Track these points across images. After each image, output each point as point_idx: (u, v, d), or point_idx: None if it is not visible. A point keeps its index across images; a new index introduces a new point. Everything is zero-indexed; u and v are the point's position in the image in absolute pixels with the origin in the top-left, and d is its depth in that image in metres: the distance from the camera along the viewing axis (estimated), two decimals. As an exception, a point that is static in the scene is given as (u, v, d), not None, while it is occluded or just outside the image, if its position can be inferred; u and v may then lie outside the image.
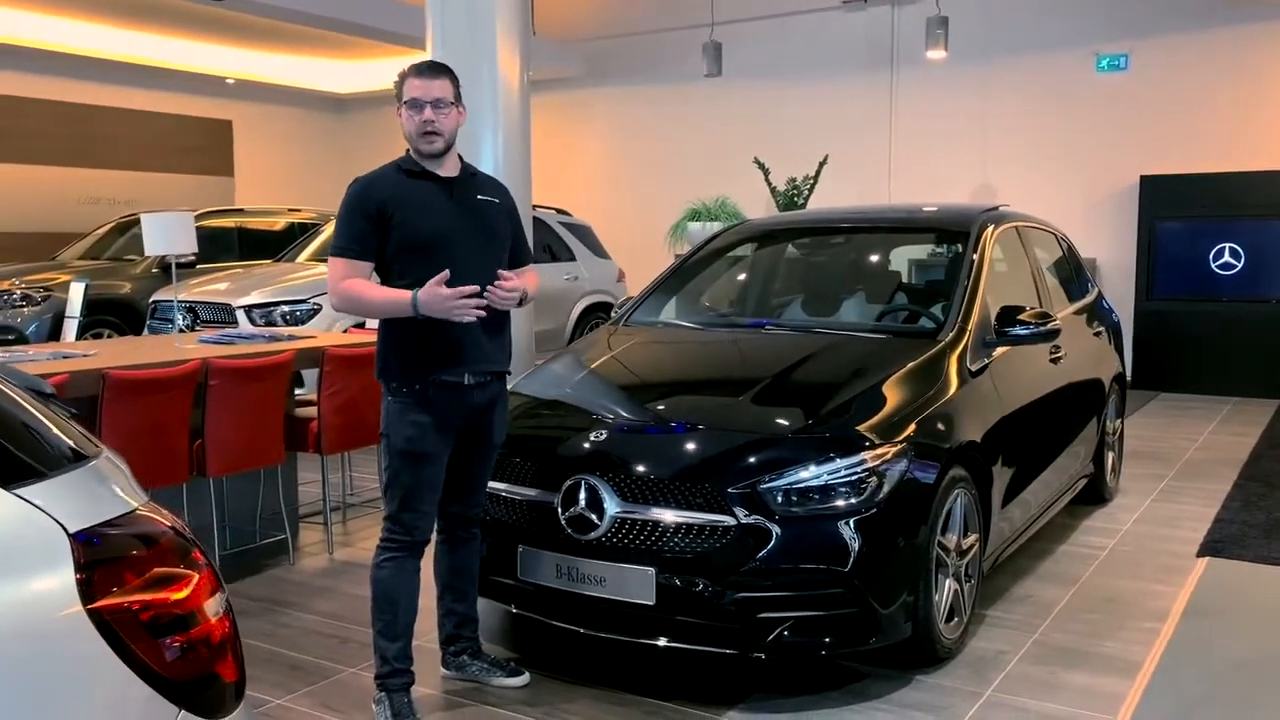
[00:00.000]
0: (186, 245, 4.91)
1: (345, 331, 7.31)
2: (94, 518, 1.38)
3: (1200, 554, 4.90)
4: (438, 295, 3.03)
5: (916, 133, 11.28)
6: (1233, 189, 9.59)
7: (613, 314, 5.13)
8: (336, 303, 3.27)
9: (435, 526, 3.40)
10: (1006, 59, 10.80)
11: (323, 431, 4.98)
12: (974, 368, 4.08)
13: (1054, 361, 4.83)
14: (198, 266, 9.67)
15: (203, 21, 11.39)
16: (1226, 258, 9.67)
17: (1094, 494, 5.68)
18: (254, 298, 7.79)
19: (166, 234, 4.88)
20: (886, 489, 3.37)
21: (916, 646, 3.57)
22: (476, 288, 3.07)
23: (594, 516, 3.44)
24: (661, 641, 3.39)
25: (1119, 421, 6.02)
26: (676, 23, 12.12)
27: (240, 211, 11.35)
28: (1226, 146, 9.79)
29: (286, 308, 7.84)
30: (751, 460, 3.39)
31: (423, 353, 3.20)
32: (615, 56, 12.97)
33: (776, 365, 3.98)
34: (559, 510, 3.51)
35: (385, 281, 3.24)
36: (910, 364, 3.89)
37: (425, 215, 3.21)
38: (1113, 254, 10.38)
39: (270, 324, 7.67)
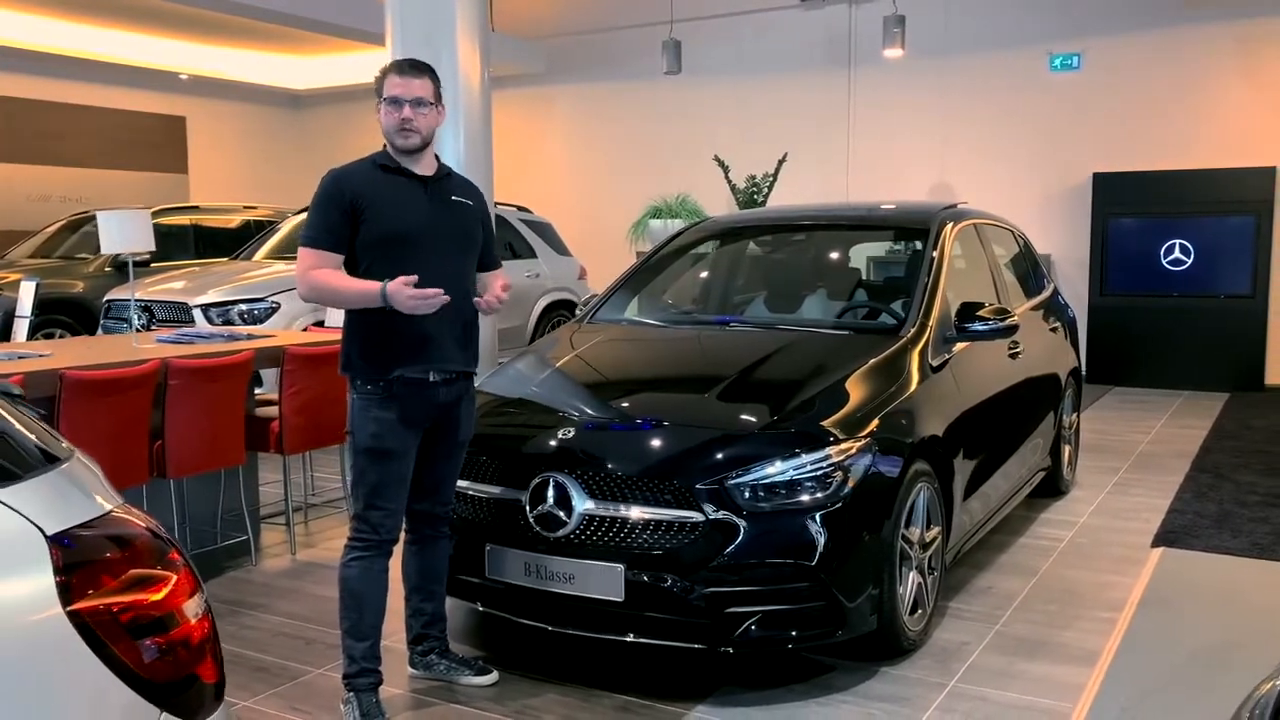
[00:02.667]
0: (144, 243, 4.83)
1: (305, 330, 7.26)
2: (70, 520, 1.37)
3: (1155, 544, 5.00)
4: (404, 293, 3.04)
5: (874, 130, 11.38)
6: (1183, 187, 9.78)
7: (577, 312, 5.13)
8: (304, 291, 3.26)
9: (402, 525, 3.39)
10: (962, 58, 10.92)
11: (284, 432, 4.94)
12: (935, 363, 4.14)
13: (1012, 357, 4.91)
14: (152, 265, 9.54)
15: (155, 16, 11.24)
16: (1177, 254, 9.86)
17: (1051, 487, 5.78)
18: (211, 296, 7.71)
19: (123, 232, 4.80)
20: (851, 483, 3.41)
21: (881, 639, 3.61)
22: (446, 297, 3.08)
23: (562, 514, 3.44)
24: (629, 637, 3.41)
25: (1075, 415, 6.13)
26: (636, 20, 12.13)
27: (195, 209, 11.20)
28: (1177, 145, 9.99)
29: (244, 306, 7.76)
30: (719, 456, 3.41)
31: (387, 348, 3.19)
32: (575, 53, 12.95)
33: (741, 362, 4.01)
34: (527, 508, 3.51)
35: (353, 275, 3.22)
36: (873, 360, 3.94)
37: (398, 212, 3.21)
38: (1067, 250, 10.54)
39: (228, 323, 7.58)
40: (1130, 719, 3.25)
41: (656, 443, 3.55)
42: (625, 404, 3.84)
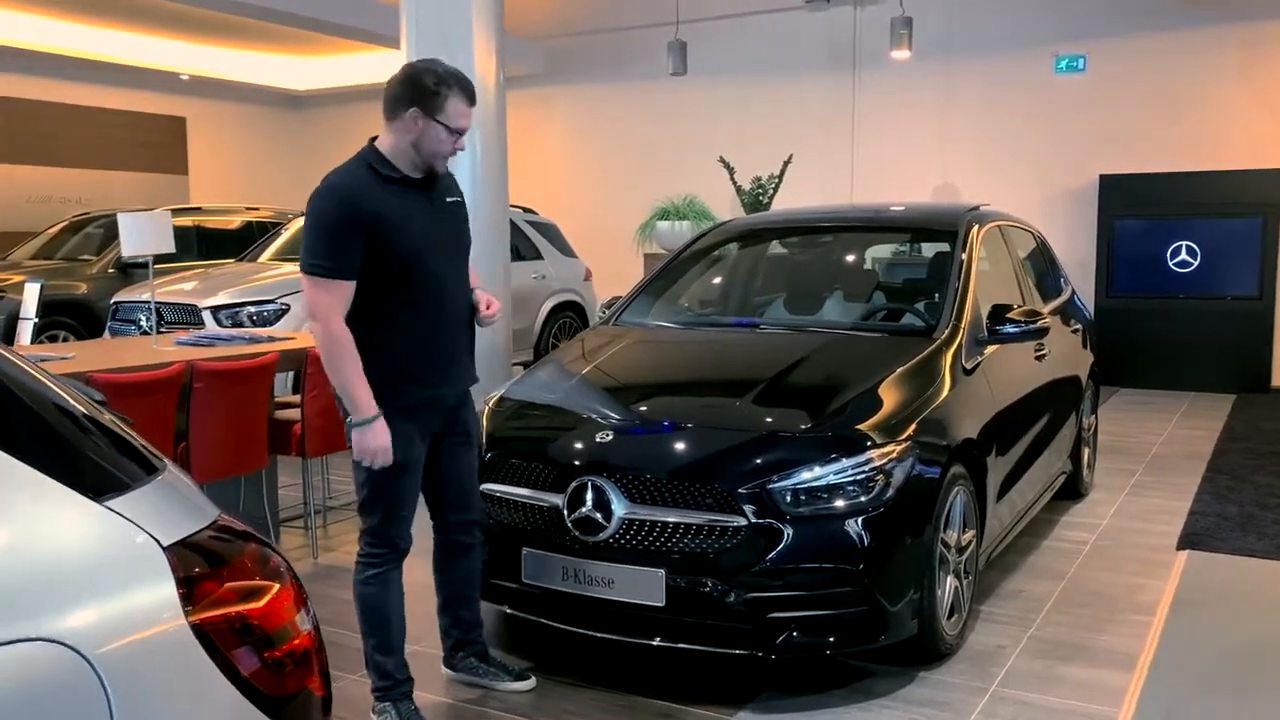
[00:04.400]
0: (164, 245, 4.79)
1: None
2: (182, 530, 1.34)
3: (1180, 547, 4.99)
4: (371, 444, 3.00)
5: (878, 132, 11.38)
6: (1189, 188, 9.79)
7: (598, 313, 5.10)
8: (321, 337, 2.97)
9: (410, 533, 3.29)
10: (966, 60, 10.93)
11: (306, 435, 4.90)
12: (968, 366, 4.12)
13: (1039, 359, 4.90)
14: (156, 266, 9.47)
15: (155, 16, 11.17)
16: (1183, 255, 9.87)
17: (1071, 489, 5.76)
18: (221, 298, 7.65)
19: (143, 233, 4.76)
20: (894, 487, 3.39)
21: (919, 643, 3.59)
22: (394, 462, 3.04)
23: (601, 518, 3.42)
24: (656, 641, 3.39)
25: (1093, 417, 6.12)
26: (640, 21, 12.10)
27: (198, 210, 11.14)
28: (1183, 147, 10.00)
29: (253, 308, 7.71)
30: (760, 460, 3.39)
31: (409, 370, 3.10)
32: (578, 54, 12.92)
33: (776, 364, 3.98)
34: (565, 512, 3.48)
35: (357, 299, 2.96)
36: (909, 363, 3.92)
37: (409, 228, 3.01)
38: (1072, 252, 10.52)
39: (237, 325, 7.53)
40: (1176, 723, 3.24)
41: (695, 446, 3.53)
42: (662, 407, 3.81)
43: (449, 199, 3.20)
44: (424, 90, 3.00)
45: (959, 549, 3.76)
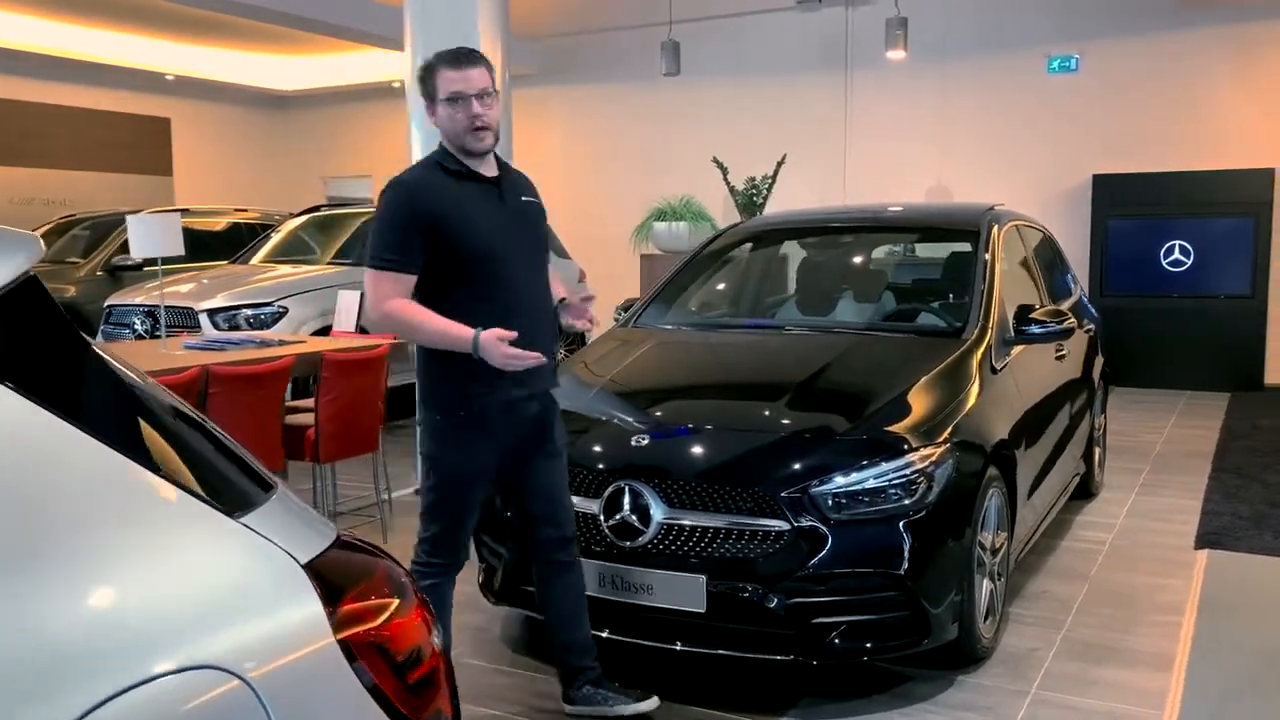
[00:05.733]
0: (173, 247, 4.70)
1: (312, 335, 7.13)
2: (315, 547, 1.28)
3: (1198, 546, 5.00)
4: (499, 349, 2.79)
5: (871, 132, 11.38)
6: (1181, 188, 9.84)
7: (613, 316, 5.04)
8: (378, 321, 2.95)
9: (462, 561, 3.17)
10: (960, 60, 10.95)
11: (320, 440, 4.83)
12: (997, 366, 4.10)
13: (1059, 359, 4.89)
14: (145, 269, 9.35)
15: (140, 15, 11.02)
16: (1177, 255, 9.93)
17: (1083, 489, 5.76)
18: (218, 301, 7.55)
19: (153, 235, 4.67)
20: (936, 490, 3.36)
21: (956, 647, 3.56)
22: (542, 358, 2.85)
23: (639, 523, 3.37)
24: (678, 645, 3.34)
25: (1103, 417, 6.13)
26: (633, 21, 12.05)
27: (186, 212, 10.98)
28: (1175, 146, 10.05)
29: (250, 311, 7.60)
30: (802, 464, 3.35)
31: (474, 376, 2.91)
32: (571, 54, 12.86)
33: (807, 366, 3.95)
34: (601, 518, 3.44)
35: (427, 297, 2.94)
36: (941, 364, 3.89)
37: (477, 225, 2.92)
38: (1067, 251, 10.50)
39: (234, 328, 7.43)
40: (1222, 725, 3.23)
41: (733, 450, 3.48)
42: (695, 410, 3.77)
43: (523, 198, 3.09)
44: (422, 82, 2.99)
45: (993, 551, 3.74)
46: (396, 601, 1.31)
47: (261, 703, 1.08)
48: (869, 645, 3.31)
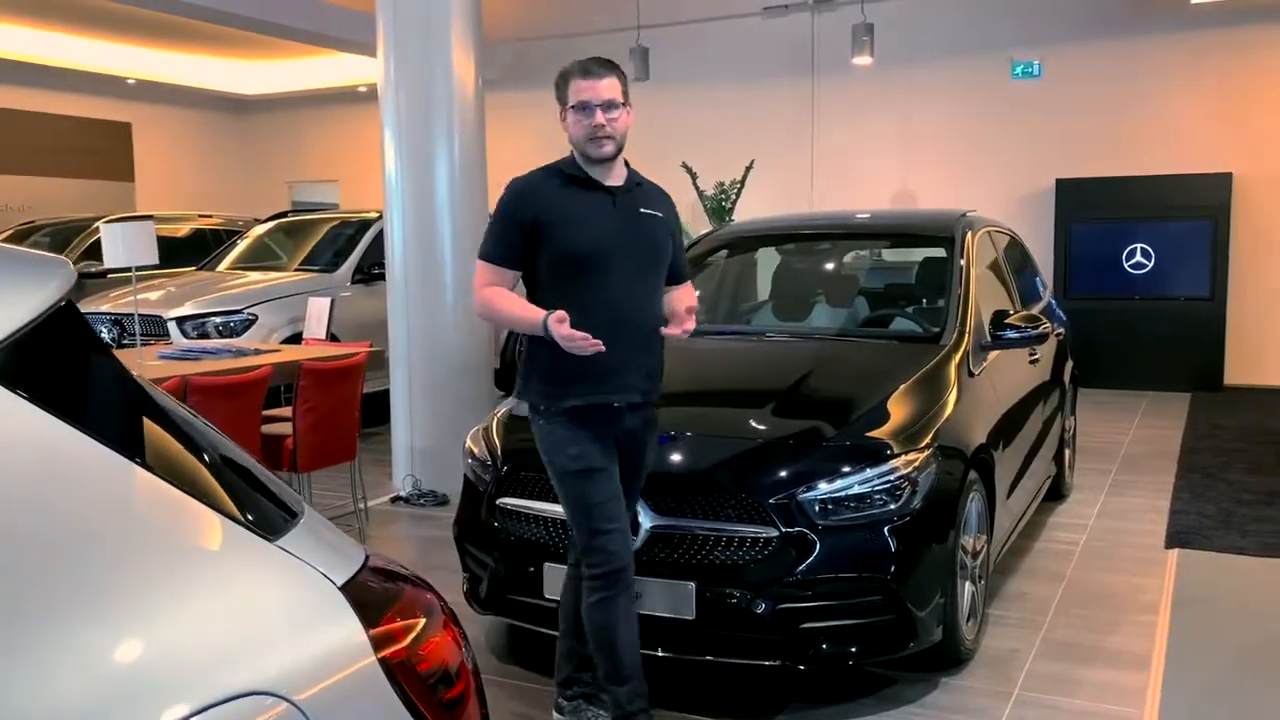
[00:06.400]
0: (148, 256, 4.65)
1: (282, 344, 7.08)
2: (348, 568, 1.28)
3: (1169, 546, 5.09)
4: (560, 329, 2.82)
5: (838, 137, 11.47)
6: (1142, 192, 10.01)
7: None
8: (476, 307, 3.12)
9: (633, 548, 3.13)
10: (925, 66, 11.06)
11: (298, 448, 4.79)
12: (974, 371, 4.16)
13: (1032, 363, 4.96)
14: (109, 276, 9.22)
15: (100, 19, 10.88)
16: (1138, 257, 10.09)
17: (1054, 491, 5.85)
18: (187, 309, 7.47)
19: (127, 243, 4.61)
20: (920, 495, 3.40)
21: (940, 649, 3.60)
22: (601, 345, 2.83)
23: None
24: (659, 652, 3.36)
25: (1073, 419, 6.22)
26: (601, 26, 12.06)
27: (149, 218, 10.86)
28: (1136, 151, 10.22)
29: (219, 319, 7.54)
30: (789, 471, 3.38)
31: (566, 376, 2.98)
32: (538, 59, 12.83)
33: (791, 373, 3.98)
34: (590, 526, 3.44)
35: (534, 293, 3.06)
36: (921, 370, 3.94)
37: (583, 228, 2.99)
38: (1032, 254, 10.71)
39: (203, 336, 7.36)
40: (1201, 723, 3.29)
41: (721, 457, 3.50)
42: (682, 418, 3.77)
43: (644, 209, 3.10)
44: (557, 88, 3.08)
45: (974, 554, 3.79)
46: (425, 621, 1.31)
47: None
48: (855, 649, 3.35)
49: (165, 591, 1.10)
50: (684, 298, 3.22)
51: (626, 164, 3.14)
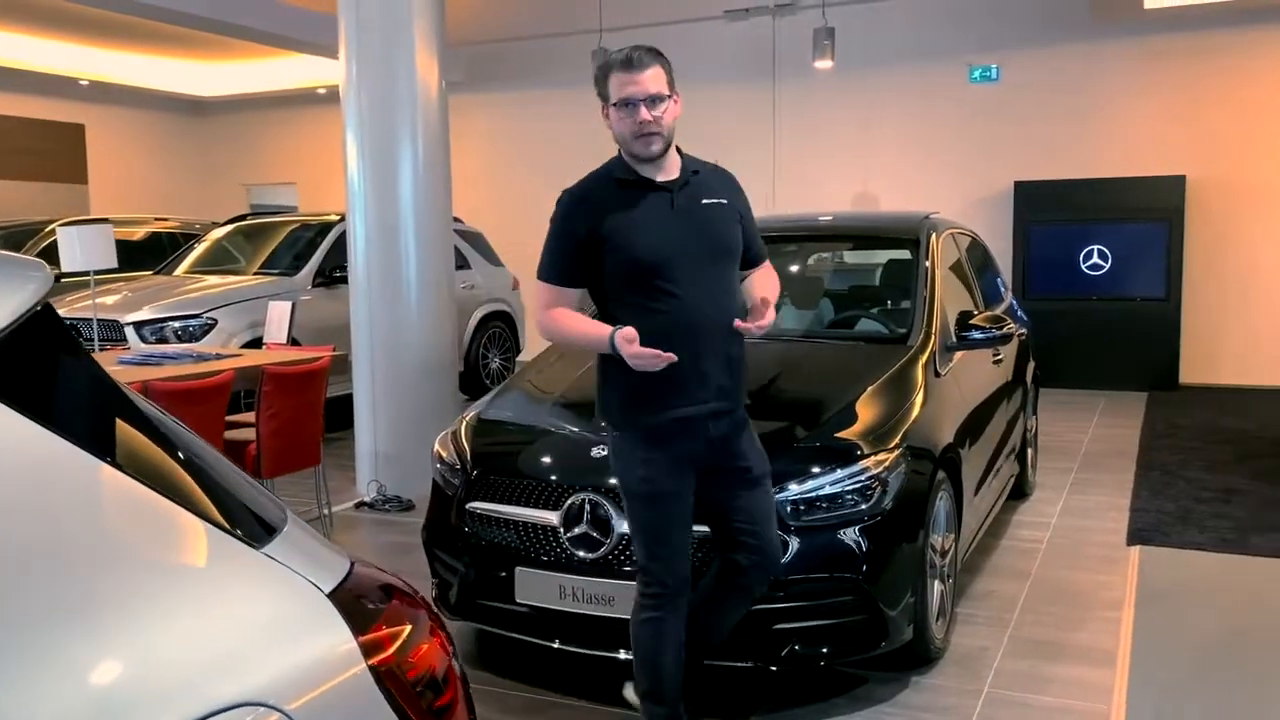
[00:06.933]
0: (106, 259, 4.56)
1: (241, 348, 6.99)
2: (335, 575, 1.26)
3: (1130, 543, 5.16)
4: (628, 348, 2.68)
5: (799, 139, 11.53)
6: (1099, 194, 10.15)
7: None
8: (540, 331, 2.97)
9: (688, 574, 2.97)
10: (884, 69, 11.15)
11: (261, 454, 4.73)
12: (941, 372, 4.19)
13: (996, 364, 5.01)
14: (62, 280, 9.06)
15: (53, 18, 10.68)
16: (1095, 259, 10.23)
17: (1018, 489, 5.91)
18: (145, 313, 7.35)
19: (85, 247, 4.52)
20: (890, 495, 3.42)
21: (911, 649, 3.62)
22: (673, 357, 2.68)
23: (599, 535, 3.37)
24: (622, 654, 3.35)
25: (1035, 418, 6.29)
26: (562, 28, 12.05)
27: (104, 221, 10.68)
28: (1092, 154, 10.37)
29: (178, 324, 7.43)
30: (760, 472, 3.37)
31: (644, 390, 2.82)
32: (499, 61, 12.80)
33: (759, 374, 3.96)
34: (561, 530, 3.43)
35: (603, 308, 2.94)
36: (889, 370, 3.96)
37: (642, 234, 2.83)
38: (990, 257, 10.83)
39: (162, 341, 7.25)
40: (1167, 718, 3.33)
41: (692, 459, 3.49)
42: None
43: (704, 200, 2.92)
44: (597, 83, 2.91)
45: (942, 553, 3.82)
46: (412, 627, 1.30)
47: None
48: (828, 650, 3.36)
49: (154, 602, 1.08)
50: (762, 283, 3.02)
51: (680, 151, 2.98)
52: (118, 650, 1.03)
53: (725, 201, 2.97)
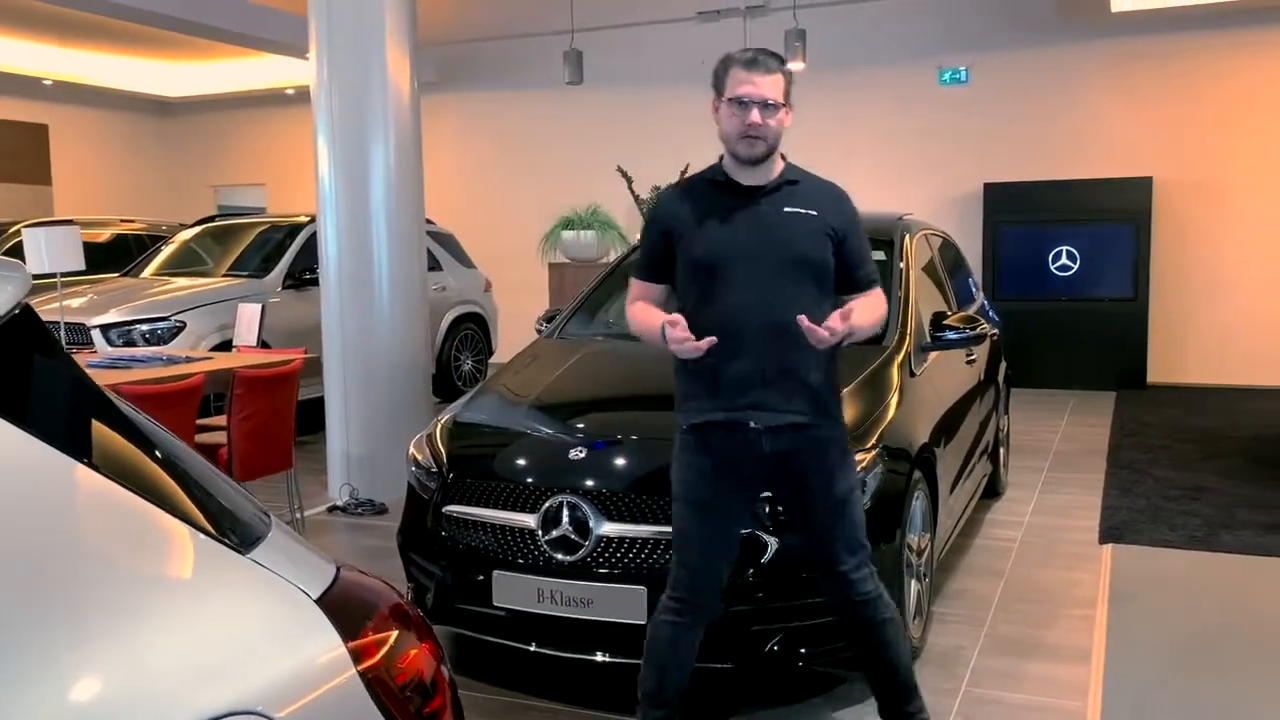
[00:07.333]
0: (74, 261, 4.50)
1: (210, 350, 6.91)
2: (322, 581, 1.24)
3: (1102, 541, 5.20)
4: (671, 331, 2.69)
5: (771, 141, 11.54)
6: (1068, 195, 10.25)
7: (535, 327, 5.01)
8: (629, 324, 3.02)
9: (717, 594, 2.93)
10: (855, 71, 11.20)
11: (233, 458, 4.68)
12: (916, 371, 4.21)
13: (969, 364, 5.04)
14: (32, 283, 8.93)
15: (15, 17, 10.53)
16: (1064, 260, 10.33)
17: (990, 488, 5.94)
18: (111, 316, 7.25)
19: (51, 249, 4.46)
20: (868, 494, 3.42)
21: (888, 648, 3.63)
22: (714, 340, 2.68)
23: (578, 537, 3.35)
24: (599, 657, 3.34)
25: (1007, 418, 6.33)
26: (534, 29, 12.01)
27: (70, 223, 10.54)
28: (1061, 156, 10.47)
29: (146, 327, 7.33)
30: (739, 472, 3.37)
31: (695, 390, 2.85)
32: (471, 62, 12.75)
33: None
34: (539, 533, 3.41)
35: (679, 301, 2.93)
36: (865, 370, 3.96)
37: (707, 234, 2.84)
38: (961, 257, 10.90)
39: (129, 344, 7.15)
40: (1143, 714, 3.36)
41: (670, 461, 3.48)
42: (631, 421, 3.77)
43: (788, 209, 2.87)
44: (715, 75, 2.89)
45: (919, 552, 3.83)
46: (400, 632, 1.28)
47: None
48: (805, 650, 3.36)
49: (141, 610, 1.05)
50: (860, 304, 2.85)
51: (784, 159, 2.97)
52: (103, 660, 1.00)
53: (815, 214, 2.89)
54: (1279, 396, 9.54)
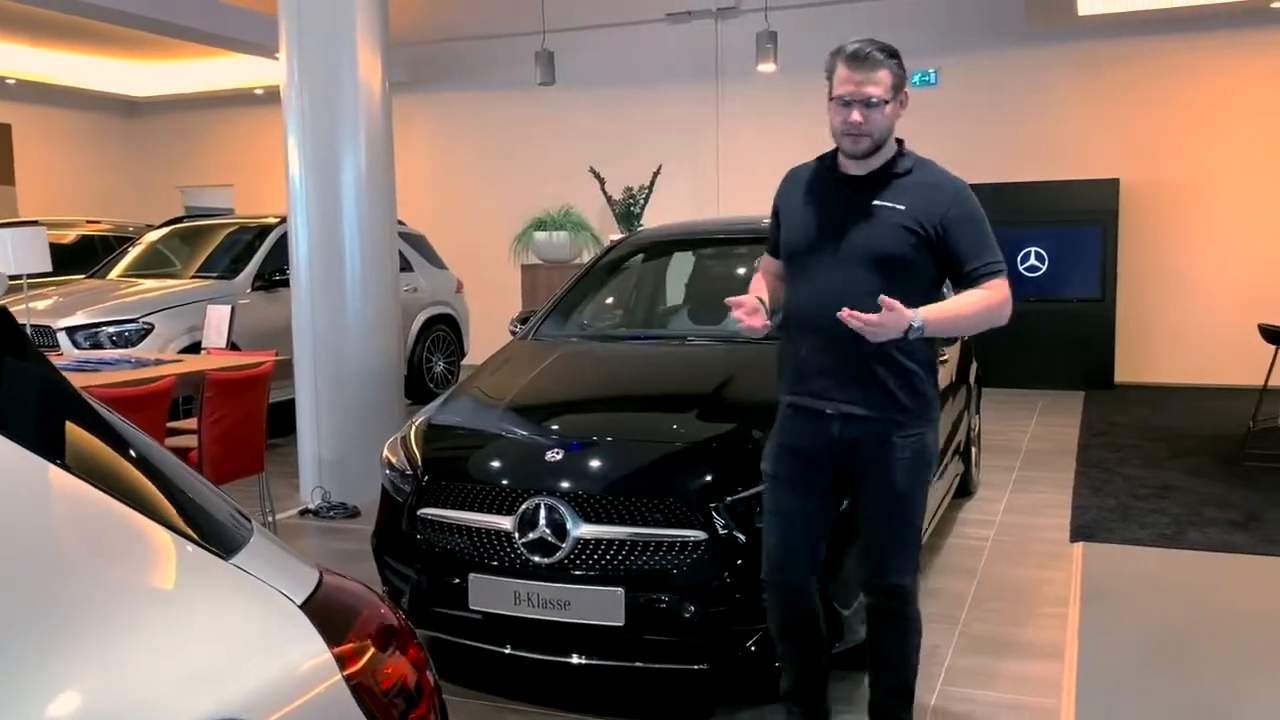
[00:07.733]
0: (41, 263, 4.43)
1: (178, 353, 6.84)
2: (306, 586, 1.22)
3: (1073, 539, 5.25)
4: (732, 300, 2.86)
5: (743, 142, 11.59)
6: (1036, 197, 10.34)
7: (509, 328, 4.99)
8: None
9: (794, 581, 2.96)
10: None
11: (204, 462, 4.63)
12: (890, 373, 4.22)
13: (941, 364, 5.05)
14: (-10, 284, 8.80)
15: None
16: (1033, 260, 10.42)
17: (962, 488, 5.98)
18: (78, 318, 7.16)
19: (17, 250, 4.39)
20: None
21: (864, 648, 3.63)
22: (768, 323, 2.83)
23: (555, 539, 3.34)
24: (575, 659, 3.34)
25: (978, 417, 6.38)
26: (505, 29, 11.98)
27: (34, 224, 10.40)
28: (1029, 158, 10.56)
29: (113, 329, 7.25)
30: (717, 474, 3.38)
31: (783, 371, 3.01)
32: (441, 62, 12.69)
33: (714, 377, 3.99)
34: (516, 535, 3.39)
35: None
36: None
37: (796, 219, 2.94)
38: (930, 258, 10.96)
39: (96, 346, 7.07)
40: (1116, 711, 3.39)
41: (649, 462, 3.49)
42: (608, 423, 3.76)
43: (878, 200, 2.83)
44: (828, 67, 2.90)
45: (894, 552, 3.84)
46: (385, 638, 1.26)
47: None
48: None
49: (122, 617, 1.03)
50: (958, 297, 2.87)
51: (900, 146, 2.93)
52: (83, 669, 0.98)
53: (900, 207, 2.83)
54: (1244, 395, 9.66)
